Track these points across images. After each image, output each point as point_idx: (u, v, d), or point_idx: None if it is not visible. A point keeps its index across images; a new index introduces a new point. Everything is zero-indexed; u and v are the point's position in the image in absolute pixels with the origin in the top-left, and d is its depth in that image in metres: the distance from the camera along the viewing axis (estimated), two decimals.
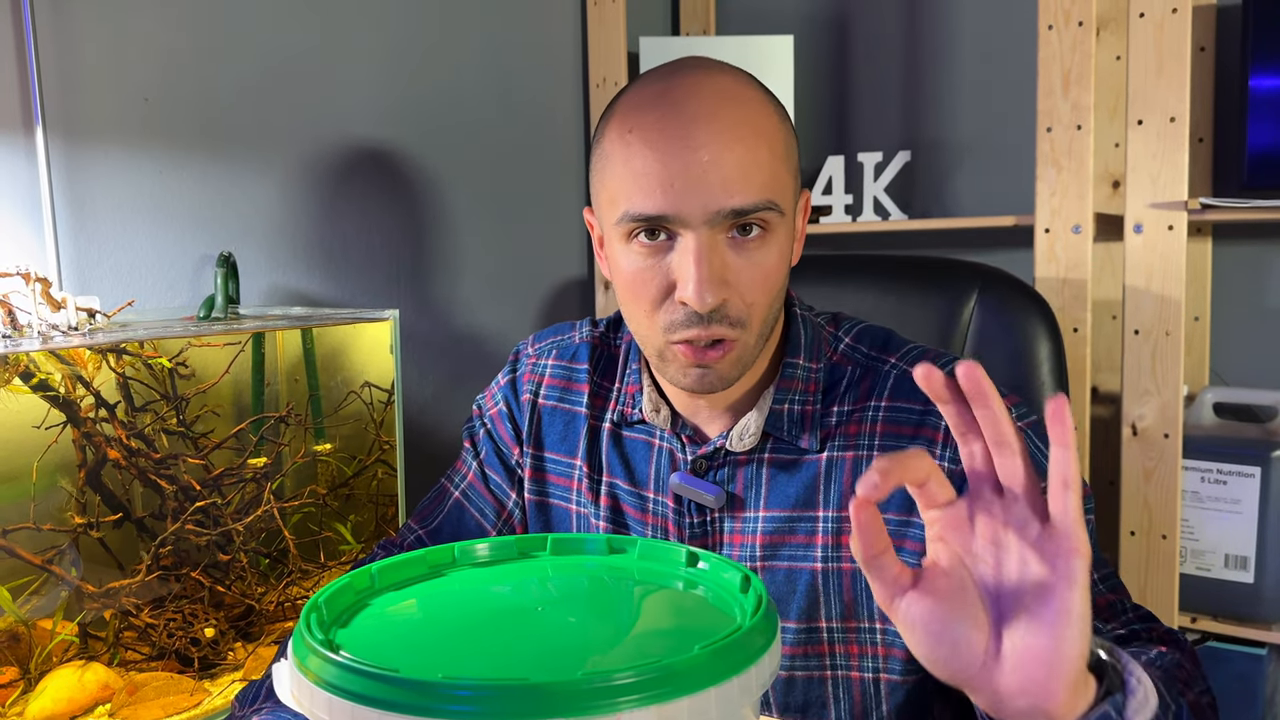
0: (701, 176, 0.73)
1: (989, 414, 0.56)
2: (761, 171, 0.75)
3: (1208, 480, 1.63)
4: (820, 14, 2.18)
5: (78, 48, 1.21)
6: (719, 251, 0.75)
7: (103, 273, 1.25)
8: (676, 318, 0.77)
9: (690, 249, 0.74)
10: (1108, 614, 0.76)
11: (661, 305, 0.78)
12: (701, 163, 0.73)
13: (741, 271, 0.76)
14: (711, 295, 0.74)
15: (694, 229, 0.74)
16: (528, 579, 0.65)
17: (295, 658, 0.52)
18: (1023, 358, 1.09)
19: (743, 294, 0.77)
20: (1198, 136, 1.79)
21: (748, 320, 0.78)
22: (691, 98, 0.75)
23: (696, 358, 0.78)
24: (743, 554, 0.85)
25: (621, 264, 0.79)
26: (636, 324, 0.81)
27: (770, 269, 0.77)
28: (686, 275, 0.75)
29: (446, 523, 0.99)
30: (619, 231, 0.78)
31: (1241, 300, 1.82)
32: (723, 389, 0.81)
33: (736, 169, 0.74)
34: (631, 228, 0.76)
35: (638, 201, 0.75)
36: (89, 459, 1.01)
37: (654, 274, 0.77)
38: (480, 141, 1.75)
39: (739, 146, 0.74)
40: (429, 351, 1.67)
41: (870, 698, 0.84)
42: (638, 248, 0.77)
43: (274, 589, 1.16)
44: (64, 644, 0.98)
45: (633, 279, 0.78)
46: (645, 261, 0.77)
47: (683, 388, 0.82)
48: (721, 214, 0.74)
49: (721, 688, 0.47)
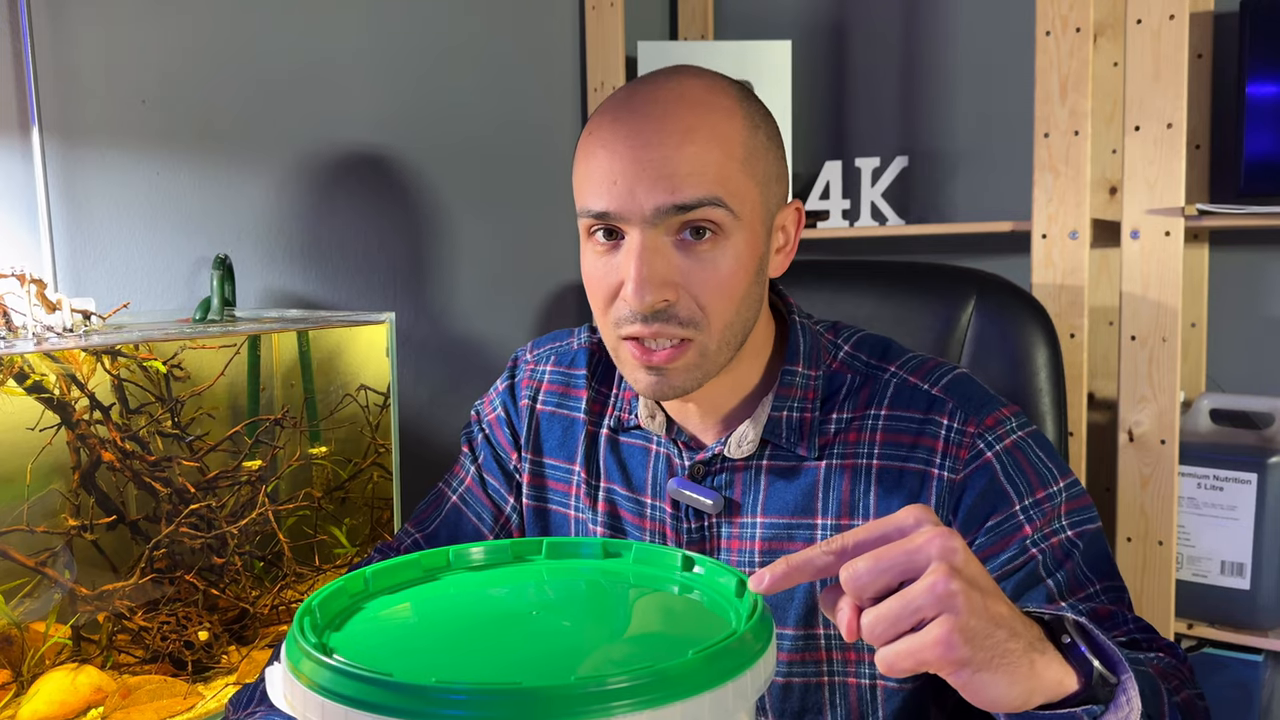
0: (643, 174, 0.74)
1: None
2: (709, 171, 0.75)
3: (1204, 487, 1.63)
4: (818, 19, 2.18)
5: (74, 49, 1.21)
6: (663, 252, 0.75)
7: (98, 275, 1.25)
8: (623, 314, 0.78)
9: (633, 248, 0.75)
10: (1109, 624, 0.75)
11: (612, 304, 0.79)
12: (645, 160, 0.74)
13: (691, 274, 0.76)
14: (650, 294, 0.74)
15: (637, 226, 0.75)
16: (522, 583, 0.65)
17: (288, 661, 0.51)
18: (1021, 364, 1.09)
19: (695, 295, 0.76)
20: (1195, 143, 1.79)
21: (702, 322, 0.77)
22: (650, 101, 0.76)
23: (645, 358, 0.77)
24: (741, 560, 0.85)
25: (584, 263, 0.81)
26: (598, 322, 0.82)
27: (725, 274, 0.76)
28: (627, 273, 0.75)
29: (443, 527, 0.99)
30: (583, 230, 0.80)
31: (1238, 307, 1.82)
32: (675, 397, 0.80)
33: (682, 167, 0.74)
34: (589, 224, 0.78)
35: (588, 199, 0.77)
36: (83, 461, 1.00)
37: (605, 272, 0.78)
38: (477, 145, 1.75)
39: (688, 147, 0.74)
40: (425, 354, 1.67)
41: (866, 704, 0.84)
42: (595, 246, 0.79)
43: (268, 592, 1.16)
44: (57, 647, 0.98)
45: (589, 277, 0.80)
46: (599, 261, 0.79)
47: (639, 393, 0.81)
48: (662, 210, 0.74)
49: (716, 693, 0.47)
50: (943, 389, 0.82)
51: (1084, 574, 0.77)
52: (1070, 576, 0.76)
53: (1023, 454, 0.80)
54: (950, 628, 0.51)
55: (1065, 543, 0.78)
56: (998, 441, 0.80)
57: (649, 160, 0.74)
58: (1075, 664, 0.57)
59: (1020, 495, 0.78)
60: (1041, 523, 0.77)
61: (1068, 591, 0.76)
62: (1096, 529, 0.80)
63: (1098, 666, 0.57)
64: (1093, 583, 0.77)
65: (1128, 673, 0.58)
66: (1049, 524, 0.78)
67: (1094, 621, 0.75)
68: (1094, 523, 0.80)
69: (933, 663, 0.52)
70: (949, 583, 0.51)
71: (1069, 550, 0.77)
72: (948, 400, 0.81)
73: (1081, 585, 0.77)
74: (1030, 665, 0.54)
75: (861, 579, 0.53)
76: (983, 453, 0.79)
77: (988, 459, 0.79)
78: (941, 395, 0.82)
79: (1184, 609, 1.63)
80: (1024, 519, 0.77)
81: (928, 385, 0.83)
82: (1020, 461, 0.79)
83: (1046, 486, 0.79)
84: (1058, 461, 0.81)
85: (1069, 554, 0.77)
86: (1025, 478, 0.79)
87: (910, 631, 0.52)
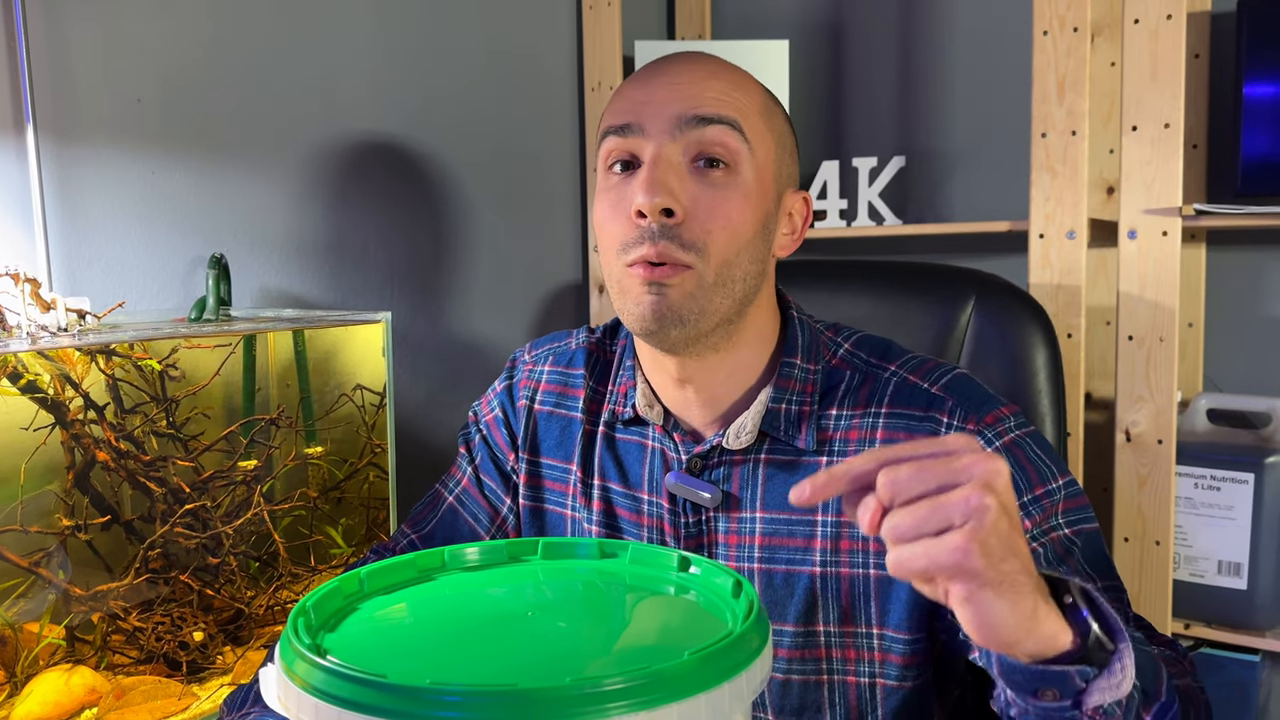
0: (669, 94, 0.79)
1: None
2: (731, 102, 0.79)
3: (1201, 486, 1.63)
4: (816, 19, 2.18)
5: (69, 47, 1.20)
6: (676, 167, 0.78)
7: (93, 274, 1.24)
8: (630, 236, 0.78)
9: (648, 159, 0.78)
10: None
11: (623, 229, 0.79)
12: (672, 84, 0.79)
13: (699, 198, 0.78)
14: (660, 196, 0.76)
15: (654, 139, 0.78)
16: (518, 584, 0.65)
17: (282, 662, 0.51)
18: (1020, 365, 1.09)
19: (701, 220, 0.78)
20: (1192, 143, 1.79)
21: (703, 248, 0.78)
22: (680, 57, 0.82)
23: (647, 275, 0.78)
24: (739, 555, 0.85)
25: (597, 207, 0.82)
26: (605, 260, 0.82)
27: (732, 206, 0.79)
28: (640, 183, 0.77)
29: (440, 528, 0.99)
30: (601, 164, 0.82)
31: (1235, 307, 1.82)
32: (671, 327, 0.78)
33: (707, 92, 0.79)
34: (608, 151, 0.81)
35: (612, 117, 0.81)
36: (78, 461, 1.00)
37: (620, 198, 0.80)
38: (474, 144, 1.75)
39: (713, 81, 0.80)
40: (421, 354, 1.67)
41: (866, 702, 0.84)
42: (612, 179, 0.81)
43: (263, 593, 1.16)
44: (50, 647, 0.97)
45: (601, 215, 0.81)
46: (615, 192, 0.80)
47: (637, 324, 0.80)
48: (683, 119, 0.78)
49: (712, 694, 0.47)
50: (942, 388, 0.82)
51: (1084, 572, 0.77)
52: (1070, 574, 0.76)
53: (1022, 451, 0.80)
54: (971, 537, 0.52)
55: (1064, 540, 0.78)
56: (997, 439, 0.80)
57: (676, 85, 0.79)
58: (1074, 624, 0.58)
59: (1020, 491, 0.78)
60: (1040, 518, 0.78)
61: None
62: (1094, 529, 0.80)
63: (1096, 630, 0.58)
64: (1092, 581, 0.77)
65: (1125, 642, 0.59)
66: (1047, 520, 0.78)
67: None
68: (1092, 523, 0.80)
69: (946, 567, 0.53)
70: (983, 497, 0.53)
71: (1068, 548, 0.78)
72: (947, 399, 0.81)
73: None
74: (1034, 605, 0.56)
75: (901, 482, 0.54)
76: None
77: None
78: (941, 394, 0.82)
79: (1181, 609, 1.63)
80: (1023, 515, 0.77)
81: (927, 384, 0.83)
82: (1020, 459, 0.79)
83: (1046, 484, 0.79)
84: (1056, 460, 0.81)
85: (1068, 552, 0.78)
86: (1025, 474, 0.79)
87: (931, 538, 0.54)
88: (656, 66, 0.82)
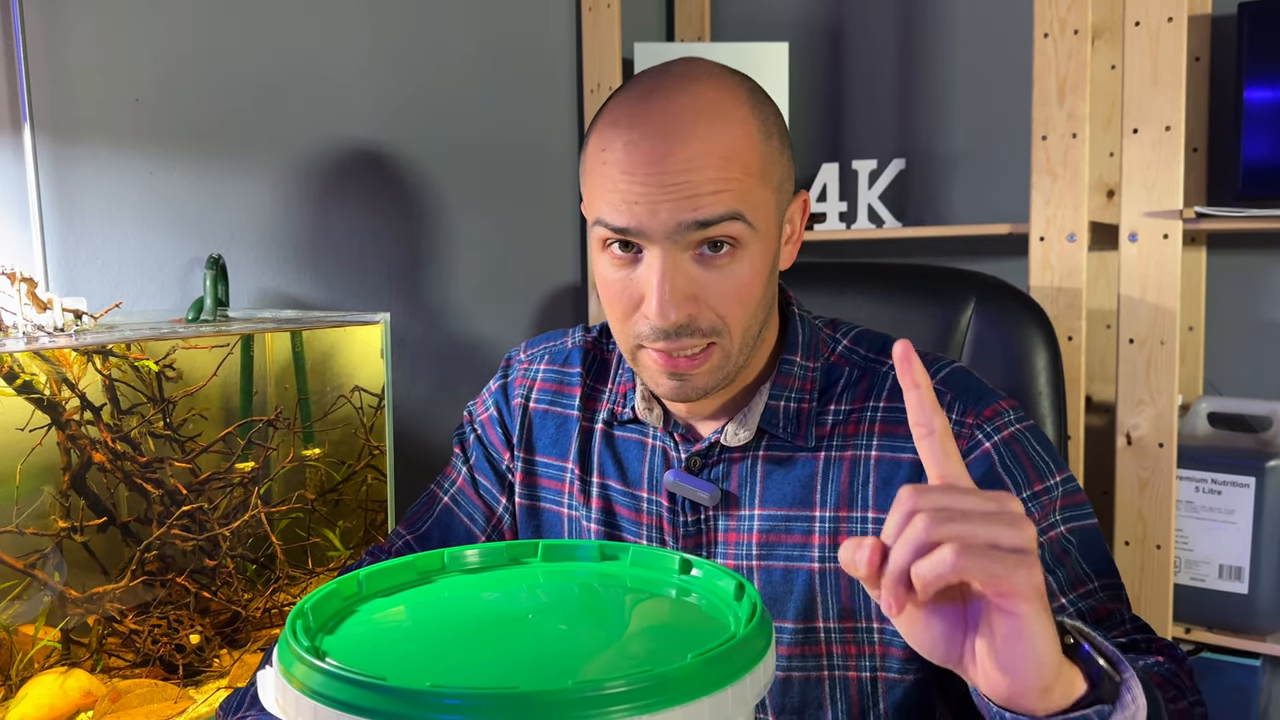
0: (666, 196, 0.74)
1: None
2: (730, 189, 0.75)
3: (1202, 490, 1.62)
4: (816, 21, 2.18)
5: (67, 47, 1.20)
6: (683, 269, 0.76)
7: (90, 274, 1.24)
8: (644, 330, 0.78)
9: (655, 265, 0.75)
10: (1108, 623, 0.75)
11: (632, 316, 0.79)
12: (666, 182, 0.74)
13: (710, 286, 0.76)
14: (674, 312, 0.75)
15: (658, 244, 0.75)
16: (518, 586, 0.64)
17: (280, 665, 0.51)
18: (1020, 368, 1.09)
19: (714, 307, 0.77)
20: (1192, 146, 1.79)
21: (723, 329, 0.78)
22: (665, 114, 0.75)
23: (669, 365, 0.78)
24: (738, 553, 0.85)
25: (599, 269, 0.81)
26: (613, 326, 0.82)
27: (743, 283, 0.77)
28: (650, 291, 0.76)
29: (435, 528, 0.99)
30: (596, 237, 0.79)
31: (1236, 310, 1.82)
32: (698, 399, 0.81)
33: (704, 187, 0.74)
34: (605, 236, 0.78)
35: (607, 214, 0.76)
36: (74, 462, 0.99)
37: (624, 285, 0.78)
38: (473, 145, 1.74)
39: (708, 169, 0.74)
40: (420, 356, 1.66)
41: (868, 697, 0.84)
42: (611, 258, 0.78)
43: (261, 595, 1.15)
44: (46, 650, 0.97)
45: (606, 287, 0.80)
46: (618, 273, 0.78)
47: (659, 395, 0.82)
48: (684, 226, 0.74)
49: (715, 697, 0.47)
50: (941, 381, 0.82)
51: (1083, 570, 0.77)
52: (1070, 573, 0.76)
53: (1020, 446, 0.80)
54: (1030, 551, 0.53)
55: (1063, 537, 0.77)
56: (996, 433, 0.79)
57: (670, 183, 0.73)
58: (1081, 664, 0.58)
59: (1018, 487, 0.78)
60: (1039, 515, 0.77)
61: (1068, 587, 0.76)
62: (1094, 525, 0.80)
63: (1104, 665, 0.57)
64: (1092, 579, 0.77)
65: (1129, 670, 0.58)
66: (1046, 518, 0.78)
67: (1093, 620, 0.74)
68: (1091, 519, 0.80)
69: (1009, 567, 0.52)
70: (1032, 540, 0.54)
71: (1066, 546, 0.77)
72: (946, 392, 0.81)
73: (1081, 582, 0.76)
74: (1059, 646, 0.55)
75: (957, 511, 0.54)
76: (981, 443, 0.79)
77: (986, 449, 0.79)
78: (940, 387, 0.82)
79: (1182, 613, 1.63)
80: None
81: None
82: (1018, 454, 0.79)
83: (1044, 480, 0.79)
84: (1055, 456, 0.81)
85: (1067, 550, 0.77)
86: (1023, 469, 0.78)
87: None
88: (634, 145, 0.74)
